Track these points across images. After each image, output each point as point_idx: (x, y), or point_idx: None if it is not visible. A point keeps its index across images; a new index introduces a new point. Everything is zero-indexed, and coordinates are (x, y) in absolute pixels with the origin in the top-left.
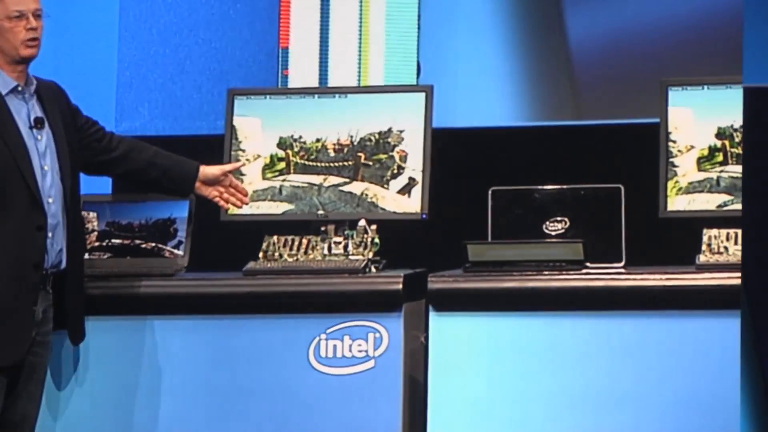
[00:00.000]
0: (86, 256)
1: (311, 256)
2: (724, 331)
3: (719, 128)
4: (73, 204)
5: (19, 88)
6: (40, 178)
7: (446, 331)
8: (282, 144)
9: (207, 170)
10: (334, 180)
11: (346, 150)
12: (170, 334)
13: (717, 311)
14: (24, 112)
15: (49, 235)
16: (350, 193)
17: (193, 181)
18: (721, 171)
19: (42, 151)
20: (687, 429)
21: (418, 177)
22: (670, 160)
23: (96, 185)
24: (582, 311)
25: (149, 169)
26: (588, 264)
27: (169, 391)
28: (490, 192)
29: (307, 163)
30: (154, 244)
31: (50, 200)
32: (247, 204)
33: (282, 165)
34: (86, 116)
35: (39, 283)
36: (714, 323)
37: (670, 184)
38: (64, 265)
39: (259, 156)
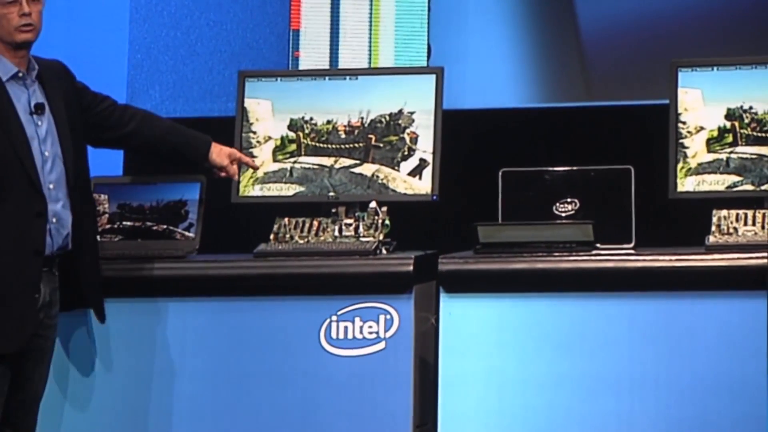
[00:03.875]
0: (98, 238)
1: (322, 238)
2: (734, 312)
3: (729, 109)
4: (79, 186)
5: (20, 74)
6: (40, 164)
7: (457, 312)
8: (293, 126)
9: (215, 157)
10: (344, 162)
11: (356, 132)
12: (181, 316)
13: (727, 292)
14: (24, 98)
15: (53, 220)
16: (361, 174)
17: (203, 159)
18: (731, 152)
19: (43, 137)
20: (696, 410)
21: (429, 158)
22: (680, 141)
23: (107, 167)
24: (592, 292)
25: (159, 146)
26: (598, 245)
27: (179, 372)
28: (500, 173)
29: (317, 145)
30: (165, 227)
31: (51, 186)
32: (257, 168)
33: (293, 147)
34: (95, 92)
35: (41, 269)
36: (724, 304)
37: (679, 165)
38: (70, 247)
39: (269, 138)
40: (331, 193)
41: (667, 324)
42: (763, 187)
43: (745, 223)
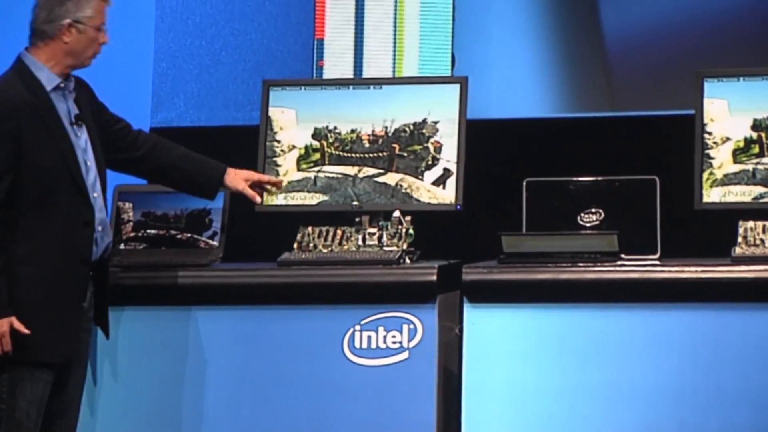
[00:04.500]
0: (122, 246)
1: (346, 247)
2: (760, 324)
3: (755, 120)
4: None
5: (62, 85)
6: (85, 173)
7: (481, 322)
8: (317, 135)
9: (230, 182)
10: (368, 171)
11: (380, 141)
12: (205, 324)
13: (753, 304)
14: (65, 109)
15: (99, 229)
16: (385, 184)
17: (216, 187)
18: (757, 163)
19: (84, 147)
20: (722, 420)
21: (453, 168)
22: (706, 151)
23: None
24: (617, 303)
25: (171, 172)
26: (623, 256)
27: (203, 381)
28: (524, 183)
29: (341, 154)
30: (189, 235)
31: (95, 195)
32: (281, 187)
33: (317, 156)
34: (111, 112)
35: (88, 278)
36: (750, 316)
37: (705, 175)
38: (107, 254)
39: (293, 147)
40: (355, 202)
41: (692, 335)
42: None
43: None
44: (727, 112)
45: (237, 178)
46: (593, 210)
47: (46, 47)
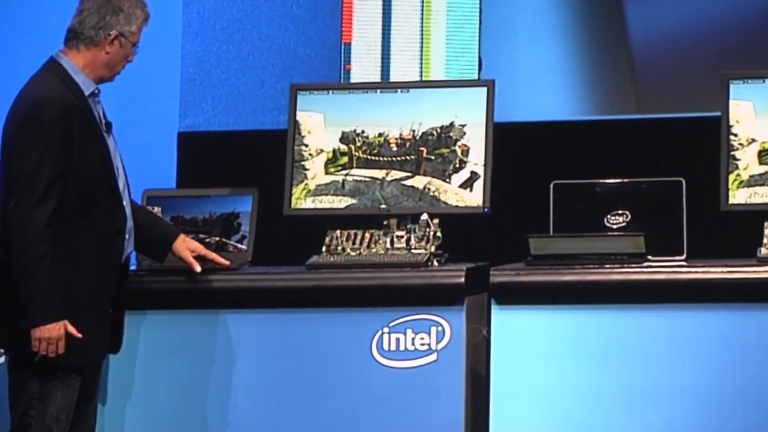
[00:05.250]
0: None
1: (374, 250)
2: None
3: None
4: None
5: (96, 92)
6: (117, 179)
7: (508, 324)
8: (344, 138)
9: (177, 246)
10: (396, 174)
11: (408, 144)
12: (234, 327)
13: None
14: (98, 115)
15: (126, 236)
16: (412, 187)
17: (168, 245)
18: None
19: (114, 154)
20: (751, 423)
21: (480, 171)
22: (731, 153)
23: (160, 180)
24: (644, 304)
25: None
26: (650, 257)
27: (232, 384)
28: (551, 186)
29: (369, 157)
30: (218, 238)
31: (125, 202)
32: (226, 266)
33: (345, 159)
34: None
35: (116, 283)
36: None
37: (731, 177)
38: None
39: (321, 150)
40: (383, 206)
41: (719, 336)
42: None
43: None
44: (752, 113)
45: (183, 246)
46: (620, 212)
47: (87, 52)
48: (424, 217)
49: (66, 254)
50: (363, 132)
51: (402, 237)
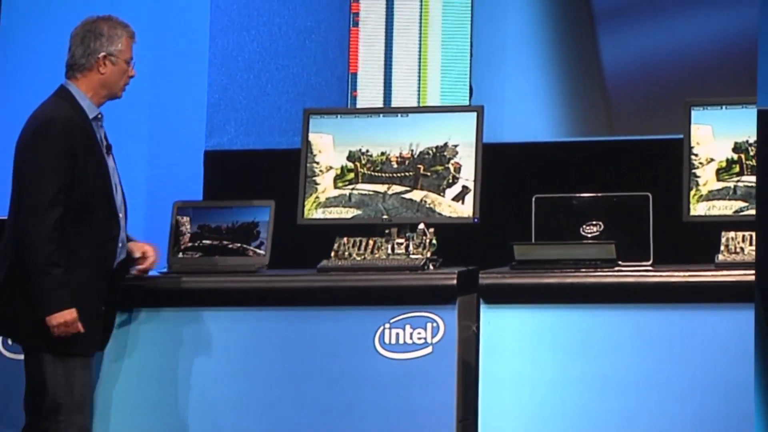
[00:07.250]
0: (180, 255)
1: (377, 255)
2: (740, 323)
3: (736, 143)
4: None
5: (99, 116)
6: (114, 194)
7: (495, 321)
8: (351, 157)
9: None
10: (396, 188)
11: (407, 162)
12: (253, 324)
13: (734, 305)
14: (99, 137)
15: (119, 245)
16: (411, 200)
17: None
18: (738, 181)
19: (113, 172)
20: (706, 409)
21: (471, 186)
22: (693, 171)
23: (189, 192)
24: (615, 304)
25: None
26: (620, 263)
27: (250, 374)
28: (533, 199)
29: (373, 173)
30: (239, 245)
31: (121, 215)
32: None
33: (351, 175)
34: None
35: (107, 286)
36: (731, 315)
37: (692, 192)
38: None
39: (331, 167)
40: (385, 216)
41: (680, 333)
42: None
43: (751, 243)
44: (711, 136)
45: (138, 245)
46: (594, 222)
47: (84, 78)
48: (421, 226)
49: (66, 255)
50: (367, 151)
51: (402, 244)
